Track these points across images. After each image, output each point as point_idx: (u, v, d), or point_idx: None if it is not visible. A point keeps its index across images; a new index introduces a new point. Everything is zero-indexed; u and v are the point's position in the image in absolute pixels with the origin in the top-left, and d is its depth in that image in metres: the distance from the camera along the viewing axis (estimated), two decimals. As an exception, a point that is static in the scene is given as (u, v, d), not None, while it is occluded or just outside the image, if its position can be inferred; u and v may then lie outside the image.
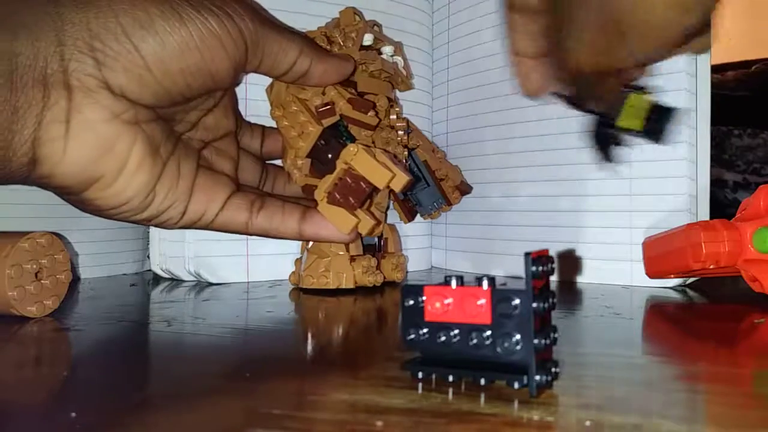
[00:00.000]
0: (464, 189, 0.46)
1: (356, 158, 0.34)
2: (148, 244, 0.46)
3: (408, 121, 0.43)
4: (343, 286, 0.38)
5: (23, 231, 0.30)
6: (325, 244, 0.39)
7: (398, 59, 0.42)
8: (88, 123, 0.28)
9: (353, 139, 0.37)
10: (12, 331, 0.28)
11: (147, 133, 0.30)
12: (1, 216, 0.36)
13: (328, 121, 0.36)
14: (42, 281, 0.30)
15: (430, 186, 0.44)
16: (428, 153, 0.44)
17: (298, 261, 0.41)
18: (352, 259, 0.39)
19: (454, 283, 0.19)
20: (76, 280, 0.41)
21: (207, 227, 0.34)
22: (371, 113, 0.37)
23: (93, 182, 0.29)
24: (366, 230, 0.35)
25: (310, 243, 0.40)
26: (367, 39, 0.41)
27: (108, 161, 0.29)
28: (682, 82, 0.38)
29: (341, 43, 0.39)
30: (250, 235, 0.36)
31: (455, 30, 0.49)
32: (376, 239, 0.42)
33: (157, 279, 0.44)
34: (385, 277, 0.40)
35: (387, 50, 0.41)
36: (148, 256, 0.46)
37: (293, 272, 0.41)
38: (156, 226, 0.33)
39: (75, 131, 0.27)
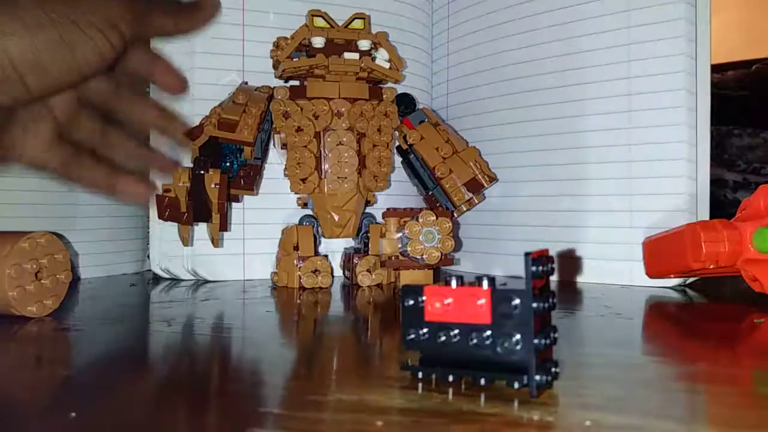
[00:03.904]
0: (473, 186, 0.42)
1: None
2: (148, 244, 0.46)
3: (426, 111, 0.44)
4: (289, 286, 0.40)
5: (23, 231, 0.30)
6: (286, 246, 0.41)
7: (382, 51, 0.41)
8: None
9: (221, 161, 0.40)
10: (12, 331, 0.28)
11: None
12: (1, 216, 0.36)
13: (198, 141, 0.39)
14: (42, 281, 0.30)
15: (436, 187, 0.43)
16: (430, 150, 0.42)
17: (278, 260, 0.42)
18: (303, 259, 0.40)
19: (454, 283, 0.19)
20: (76, 280, 0.41)
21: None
22: (247, 131, 0.40)
23: None
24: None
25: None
26: (364, 45, 0.41)
27: None
28: (682, 82, 0.38)
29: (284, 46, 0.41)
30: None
31: (455, 30, 0.49)
32: (361, 240, 0.43)
33: (156, 279, 0.44)
34: (355, 279, 0.41)
35: (363, 43, 0.41)
36: (148, 256, 0.46)
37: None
38: None
39: None
